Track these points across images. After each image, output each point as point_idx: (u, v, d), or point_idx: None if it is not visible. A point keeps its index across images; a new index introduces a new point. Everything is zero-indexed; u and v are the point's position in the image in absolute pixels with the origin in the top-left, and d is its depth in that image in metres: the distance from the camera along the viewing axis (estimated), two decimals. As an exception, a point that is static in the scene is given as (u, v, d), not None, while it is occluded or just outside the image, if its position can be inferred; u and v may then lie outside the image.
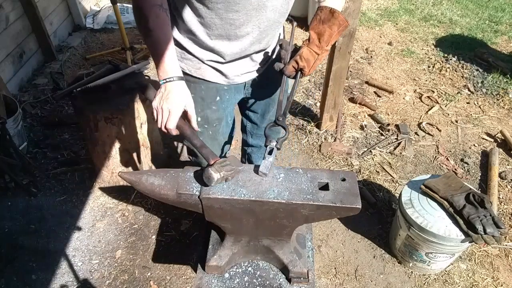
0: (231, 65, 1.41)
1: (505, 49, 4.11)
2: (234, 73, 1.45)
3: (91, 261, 2.15)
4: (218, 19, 1.22)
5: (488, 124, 3.13)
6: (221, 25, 1.24)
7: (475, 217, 1.72)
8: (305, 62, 1.23)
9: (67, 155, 2.80)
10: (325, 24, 1.22)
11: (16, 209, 2.41)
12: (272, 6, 1.22)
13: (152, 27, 1.15)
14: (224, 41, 1.30)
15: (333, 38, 1.24)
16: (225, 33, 1.27)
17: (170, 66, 1.17)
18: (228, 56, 1.36)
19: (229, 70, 1.43)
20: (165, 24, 1.18)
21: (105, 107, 2.13)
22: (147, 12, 1.14)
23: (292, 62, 1.24)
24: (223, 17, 1.21)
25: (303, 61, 1.23)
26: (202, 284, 1.30)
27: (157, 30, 1.16)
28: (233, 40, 1.30)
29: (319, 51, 1.23)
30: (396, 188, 2.57)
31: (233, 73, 1.44)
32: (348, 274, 2.11)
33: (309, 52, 1.23)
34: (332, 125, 2.99)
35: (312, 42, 1.23)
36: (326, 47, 1.24)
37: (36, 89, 3.46)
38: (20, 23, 3.41)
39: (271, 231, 1.20)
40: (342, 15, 1.23)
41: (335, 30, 1.22)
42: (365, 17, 4.80)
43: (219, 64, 1.40)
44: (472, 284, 2.06)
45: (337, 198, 1.06)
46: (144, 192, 1.15)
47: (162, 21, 1.17)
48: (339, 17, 1.22)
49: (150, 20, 1.14)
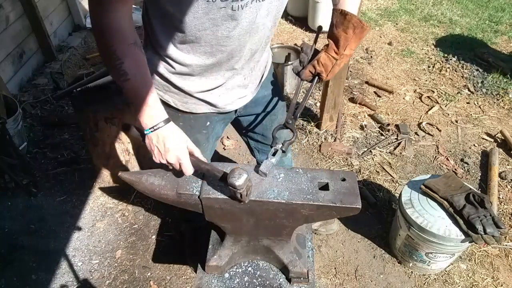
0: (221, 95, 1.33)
1: (505, 49, 4.11)
2: (226, 102, 1.36)
3: (91, 261, 2.15)
4: (208, 47, 1.13)
5: (488, 124, 3.13)
6: (212, 53, 1.15)
7: (475, 217, 1.72)
8: (323, 67, 1.20)
9: (67, 155, 2.80)
10: (339, 28, 1.16)
11: (16, 209, 2.41)
12: (263, 25, 1.15)
13: (129, 70, 1.01)
14: (215, 68, 1.22)
15: (352, 42, 1.17)
16: (217, 61, 1.18)
17: (155, 111, 1.06)
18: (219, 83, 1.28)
19: (220, 101, 1.34)
20: (143, 64, 1.05)
21: (105, 107, 2.13)
22: (121, 53, 0.99)
23: (309, 66, 1.21)
24: (213, 44, 1.12)
25: (320, 66, 1.20)
26: (202, 284, 1.30)
27: (135, 73, 1.02)
28: (225, 67, 1.23)
29: (337, 56, 1.19)
30: (396, 188, 2.57)
31: (224, 103, 1.36)
32: (348, 274, 2.11)
33: (326, 57, 1.19)
34: (332, 125, 2.99)
35: (330, 48, 1.19)
36: (345, 52, 1.19)
37: (36, 89, 3.46)
38: (20, 23, 3.41)
39: (271, 231, 1.20)
40: (355, 16, 1.14)
41: (350, 34, 1.15)
42: (365, 17, 4.80)
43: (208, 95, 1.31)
44: (472, 284, 2.06)
45: (337, 198, 1.06)
46: (144, 192, 1.15)
47: (140, 62, 1.03)
48: (352, 19, 1.14)
49: (126, 61, 1.00)
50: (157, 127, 1.06)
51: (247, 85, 1.39)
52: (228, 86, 1.32)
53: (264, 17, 1.13)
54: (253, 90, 1.44)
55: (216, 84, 1.29)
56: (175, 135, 1.08)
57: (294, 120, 1.19)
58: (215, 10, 1.00)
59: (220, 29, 1.07)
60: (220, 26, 1.06)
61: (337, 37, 1.17)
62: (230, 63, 1.22)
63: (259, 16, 1.10)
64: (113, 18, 0.96)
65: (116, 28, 0.97)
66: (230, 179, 0.96)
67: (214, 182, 1.10)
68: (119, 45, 0.98)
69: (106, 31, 0.97)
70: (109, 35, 0.97)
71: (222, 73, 1.26)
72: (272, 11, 1.15)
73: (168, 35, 1.12)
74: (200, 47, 1.13)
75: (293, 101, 1.23)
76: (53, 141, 2.91)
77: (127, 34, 0.99)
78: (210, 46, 1.13)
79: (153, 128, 1.06)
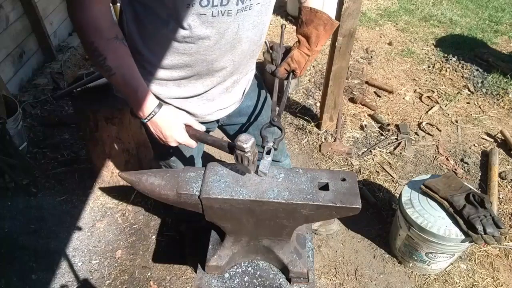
0: (201, 105, 1.30)
1: (505, 49, 4.11)
2: (205, 112, 1.32)
3: (91, 261, 2.15)
4: (187, 56, 1.11)
5: (488, 124, 3.13)
6: (192, 61, 1.13)
7: (475, 217, 1.72)
8: (297, 64, 1.24)
9: (67, 155, 2.80)
10: (310, 25, 1.19)
11: (16, 209, 2.41)
12: (247, 38, 1.14)
13: (113, 65, 1.01)
14: (194, 76, 1.19)
15: (322, 38, 1.21)
16: (195, 68, 1.16)
17: (146, 100, 1.08)
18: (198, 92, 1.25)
19: (199, 110, 1.30)
20: (126, 56, 1.04)
21: (105, 107, 2.13)
22: (103, 50, 0.99)
23: (284, 64, 1.25)
24: (193, 53, 1.10)
25: (294, 63, 1.24)
26: (202, 284, 1.30)
27: (120, 67, 1.03)
28: (204, 77, 1.20)
29: (309, 52, 1.23)
30: (396, 188, 2.57)
31: (204, 113, 1.32)
32: (348, 274, 2.11)
33: (299, 54, 1.23)
34: (332, 125, 2.99)
35: (302, 45, 1.23)
36: (316, 48, 1.23)
37: (36, 89, 3.46)
38: (20, 23, 3.41)
39: (271, 231, 1.20)
40: (325, 14, 1.16)
41: (321, 31, 1.19)
42: (365, 17, 4.80)
43: (187, 103, 1.28)
44: (472, 284, 2.06)
45: (337, 198, 1.06)
46: (144, 192, 1.15)
47: (123, 54, 1.03)
48: (322, 17, 1.16)
49: (109, 57, 1.00)
50: (151, 116, 1.10)
51: (230, 97, 1.36)
52: (209, 97, 1.30)
53: (249, 30, 1.11)
54: (236, 102, 1.41)
55: (195, 92, 1.26)
56: (169, 120, 1.12)
57: (278, 117, 1.20)
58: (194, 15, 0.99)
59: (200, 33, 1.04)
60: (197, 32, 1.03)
61: (308, 34, 1.21)
62: (210, 72, 1.19)
63: (242, 28, 1.09)
64: (90, 14, 0.95)
65: (95, 24, 0.97)
66: (238, 143, 1.02)
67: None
68: (99, 41, 0.98)
69: (85, 27, 0.97)
70: (89, 32, 0.97)
71: (201, 81, 1.23)
72: (259, 25, 1.14)
73: (144, 38, 1.11)
74: (177, 52, 1.11)
75: (274, 99, 1.26)
76: (53, 141, 2.91)
77: (106, 30, 0.99)
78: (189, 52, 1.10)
79: (147, 118, 1.11)
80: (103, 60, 1.00)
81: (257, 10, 1.09)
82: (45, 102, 3.31)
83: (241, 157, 1.04)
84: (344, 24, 2.35)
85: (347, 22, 2.35)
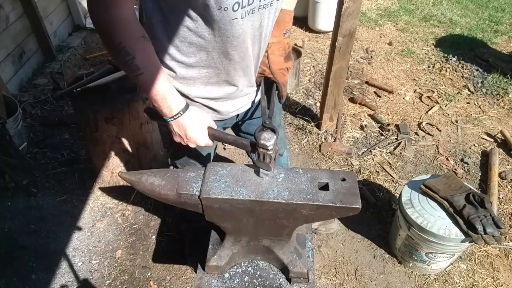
0: (224, 103, 1.32)
1: (505, 49, 4.11)
2: (229, 110, 1.36)
3: (91, 261, 2.15)
4: (215, 54, 1.11)
5: (488, 124, 3.13)
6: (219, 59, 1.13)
7: (475, 217, 1.72)
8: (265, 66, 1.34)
9: (67, 155, 2.80)
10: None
11: (16, 209, 2.41)
12: (265, 35, 1.17)
13: (141, 64, 0.99)
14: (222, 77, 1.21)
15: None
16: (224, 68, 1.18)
17: (172, 99, 1.07)
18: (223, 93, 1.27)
19: (223, 107, 1.33)
20: (153, 56, 1.03)
21: (105, 107, 2.13)
22: (131, 49, 0.96)
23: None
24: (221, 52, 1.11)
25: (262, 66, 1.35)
26: (202, 284, 1.30)
27: (148, 66, 1.01)
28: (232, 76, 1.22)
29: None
30: (396, 188, 2.57)
31: (227, 110, 1.36)
32: (348, 274, 2.11)
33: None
34: (332, 125, 2.99)
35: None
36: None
37: (36, 89, 3.46)
38: (20, 23, 3.41)
39: (271, 231, 1.20)
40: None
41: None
42: (365, 17, 4.80)
43: (212, 102, 1.29)
44: (472, 284, 2.06)
45: (337, 198, 1.06)
46: (144, 192, 1.15)
47: (149, 53, 1.02)
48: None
49: (137, 56, 0.98)
50: (178, 116, 1.10)
51: (251, 93, 1.40)
52: (235, 95, 1.32)
53: (268, 26, 1.15)
54: (254, 97, 1.44)
55: (223, 92, 1.28)
56: (194, 123, 1.13)
57: (270, 119, 1.21)
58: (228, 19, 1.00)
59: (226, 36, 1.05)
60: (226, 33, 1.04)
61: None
62: (237, 71, 1.21)
63: (263, 26, 1.13)
64: (117, 13, 0.93)
65: (122, 24, 0.94)
66: (262, 141, 1.04)
67: None
68: (127, 40, 0.96)
69: (112, 27, 0.94)
70: (116, 31, 0.94)
71: (229, 80, 1.24)
72: (273, 22, 1.18)
73: (170, 39, 1.10)
74: (205, 51, 1.11)
75: (262, 103, 1.29)
76: (53, 141, 2.91)
77: (134, 28, 0.97)
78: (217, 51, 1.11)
79: (173, 118, 1.11)
80: (131, 59, 0.98)
81: (275, 8, 1.12)
82: (45, 102, 3.31)
83: (264, 155, 1.06)
84: (344, 24, 2.35)
85: (347, 22, 2.35)
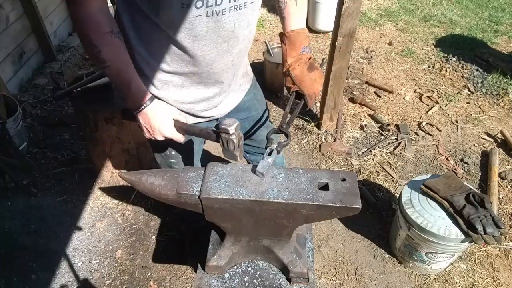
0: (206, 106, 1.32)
1: (505, 49, 4.11)
2: (210, 114, 1.36)
3: (91, 261, 2.15)
4: (187, 57, 1.13)
5: (488, 124, 3.13)
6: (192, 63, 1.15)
7: (475, 217, 1.72)
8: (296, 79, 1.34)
9: (67, 155, 2.80)
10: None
11: (16, 209, 2.41)
12: (243, 37, 1.16)
13: (107, 58, 1.04)
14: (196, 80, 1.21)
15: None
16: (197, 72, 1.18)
17: (138, 93, 1.11)
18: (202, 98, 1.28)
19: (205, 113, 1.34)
20: (121, 50, 1.07)
21: (105, 107, 2.13)
22: (97, 43, 1.02)
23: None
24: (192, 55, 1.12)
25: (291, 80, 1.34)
26: (202, 284, 1.29)
27: (114, 60, 1.06)
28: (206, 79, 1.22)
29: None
30: (396, 188, 2.57)
31: (209, 114, 1.36)
32: (348, 274, 2.11)
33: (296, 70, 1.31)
34: (332, 125, 2.99)
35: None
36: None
37: (36, 89, 3.46)
38: (20, 23, 3.41)
39: (271, 231, 1.20)
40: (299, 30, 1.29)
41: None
42: (365, 17, 4.80)
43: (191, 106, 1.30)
44: (472, 284, 2.06)
45: (337, 198, 1.06)
46: (144, 192, 1.15)
47: (117, 49, 1.06)
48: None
49: (103, 50, 1.03)
50: (142, 108, 1.13)
51: (231, 95, 1.39)
52: (213, 100, 1.32)
53: (244, 28, 1.14)
54: (235, 98, 1.44)
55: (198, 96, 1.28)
56: (159, 114, 1.14)
57: (287, 125, 1.22)
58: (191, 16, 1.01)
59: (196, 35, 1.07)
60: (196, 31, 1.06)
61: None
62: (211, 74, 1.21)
63: (238, 27, 1.11)
64: (85, 10, 0.99)
65: (91, 19, 1.01)
66: (223, 126, 1.04)
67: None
68: (95, 34, 1.02)
69: (82, 21, 1.01)
70: (84, 26, 1.01)
71: (203, 83, 1.25)
72: (253, 23, 1.18)
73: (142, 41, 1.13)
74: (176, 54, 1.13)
75: (287, 109, 1.29)
76: (53, 141, 2.91)
77: (103, 24, 1.03)
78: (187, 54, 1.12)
79: (138, 110, 1.14)
80: (98, 52, 1.04)
81: (251, 9, 1.12)
82: (45, 102, 3.31)
83: (227, 141, 1.06)
84: (344, 24, 2.35)
85: (347, 22, 2.35)
